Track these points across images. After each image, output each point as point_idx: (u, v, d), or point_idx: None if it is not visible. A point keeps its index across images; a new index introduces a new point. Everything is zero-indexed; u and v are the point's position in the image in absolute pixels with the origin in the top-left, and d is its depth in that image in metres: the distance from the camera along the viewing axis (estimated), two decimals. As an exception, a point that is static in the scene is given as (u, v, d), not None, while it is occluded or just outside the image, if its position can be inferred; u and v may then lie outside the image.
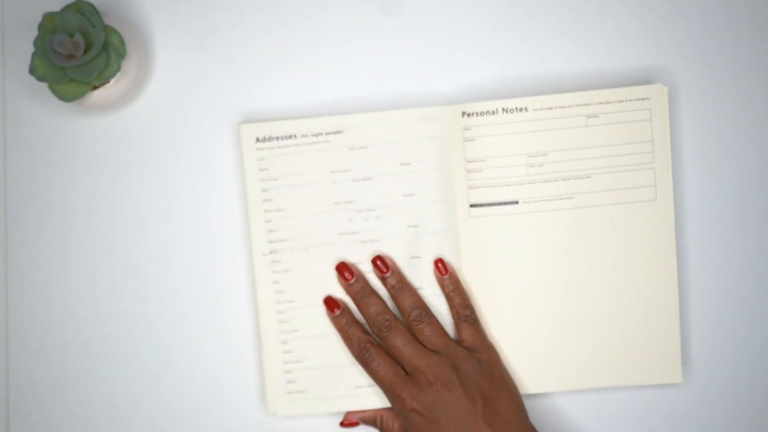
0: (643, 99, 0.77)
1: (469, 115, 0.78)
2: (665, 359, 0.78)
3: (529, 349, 0.78)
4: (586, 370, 0.78)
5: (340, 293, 0.79)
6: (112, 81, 0.77)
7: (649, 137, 0.78)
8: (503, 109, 0.78)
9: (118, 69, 0.75)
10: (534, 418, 0.79)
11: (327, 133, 0.78)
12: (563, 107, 0.78)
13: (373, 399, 0.78)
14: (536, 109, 0.78)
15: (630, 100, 0.78)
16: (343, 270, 0.78)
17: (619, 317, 0.78)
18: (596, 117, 0.78)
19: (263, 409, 0.80)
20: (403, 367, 0.76)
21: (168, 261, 0.80)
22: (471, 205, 0.78)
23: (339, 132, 0.78)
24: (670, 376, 0.78)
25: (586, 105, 0.78)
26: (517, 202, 0.78)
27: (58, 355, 0.80)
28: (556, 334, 0.78)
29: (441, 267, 0.78)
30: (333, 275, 0.79)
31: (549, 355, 0.78)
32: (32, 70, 0.74)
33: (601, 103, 0.78)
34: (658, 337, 0.78)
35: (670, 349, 0.78)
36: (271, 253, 0.79)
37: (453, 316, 0.78)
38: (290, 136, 0.78)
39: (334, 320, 0.78)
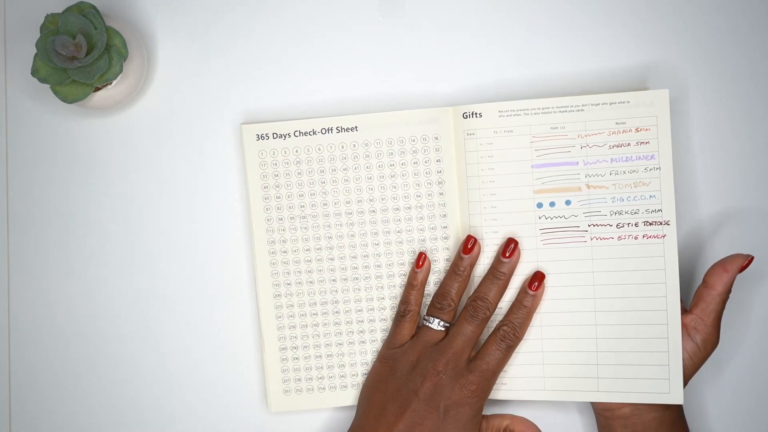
0: (647, 104, 0.76)
1: (470, 116, 0.78)
2: (667, 380, 0.75)
3: (539, 346, 0.77)
4: (587, 385, 0.77)
5: (340, 296, 0.79)
6: (114, 82, 0.77)
7: (654, 145, 0.76)
8: (504, 111, 0.78)
9: (120, 70, 0.75)
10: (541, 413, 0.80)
11: (333, 132, 0.78)
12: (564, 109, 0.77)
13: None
14: (537, 113, 0.77)
15: (637, 103, 0.76)
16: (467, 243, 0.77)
17: (620, 330, 0.76)
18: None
19: (264, 408, 0.80)
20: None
21: (169, 261, 0.80)
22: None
23: (348, 130, 0.78)
24: (672, 398, 0.75)
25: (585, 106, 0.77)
26: (518, 203, 0.79)
27: (59, 355, 0.80)
28: (558, 336, 0.78)
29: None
30: (333, 279, 0.78)
31: (544, 361, 0.77)
32: (34, 72, 0.74)
33: (599, 105, 0.76)
34: (660, 356, 0.75)
35: (672, 370, 0.75)
36: (271, 253, 0.78)
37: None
38: (296, 134, 0.78)
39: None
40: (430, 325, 0.75)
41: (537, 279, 0.76)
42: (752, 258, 0.74)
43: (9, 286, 0.80)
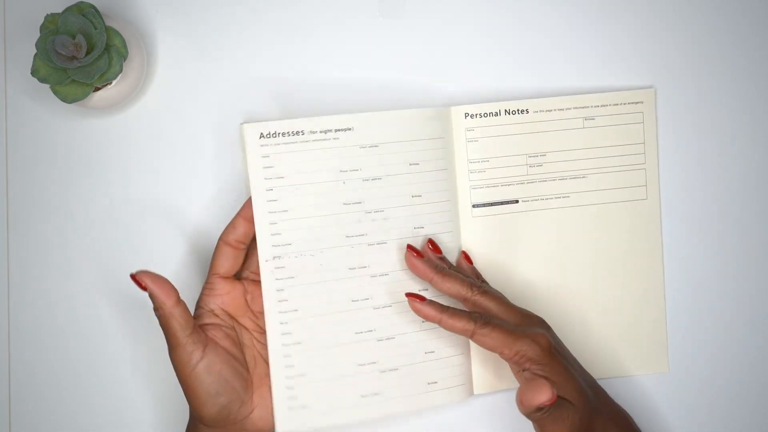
0: (636, 102, 0.79)
1: (471, 116, 0.78)
2: (653, 351, 0.81)
3: None
4: (582, 363, 0.79)
5: (346, 298, 0.78)
6: (114, 82, 0.77)
7: (641, 139, 0.80)
8: (505, 110, 0.78)
9: (120, 70, 0.75)
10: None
11: (337, 131, 0.77)
12: (562, 109, 0.79)
13: (379, 408, 0.77)
14: (536, 111, 0.79)
15: (624, 104, 0.79)
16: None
17: (611, 312, 0.80)
18: (593, 119, 0.79)
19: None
20: None
21: (169, 262, 0.80)
22: (473, 205, 0.79)
23: (349, 129, 0.77)
24: (658, 367, 0.81)
25: (583, 107, 0.79)
26: (517, 201, 0.79)
27: (59, 355, 0.80)
28: (554, 328, 0.78)
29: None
30: (339, 281, 0.77)
31: None
32: (34, 72, 0.74)
33: (597, 106, 0.79)
34: (646, 330, 0.81)
35: (657, 341, 0.81)
36: (274, 258, 0.76)
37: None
38: (298, 133, 0.76)
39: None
40: None
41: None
42: (555, 400, 0.70)
43: (9, 286, 0.80)
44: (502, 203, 0.79)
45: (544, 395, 0.69)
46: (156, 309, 0.72)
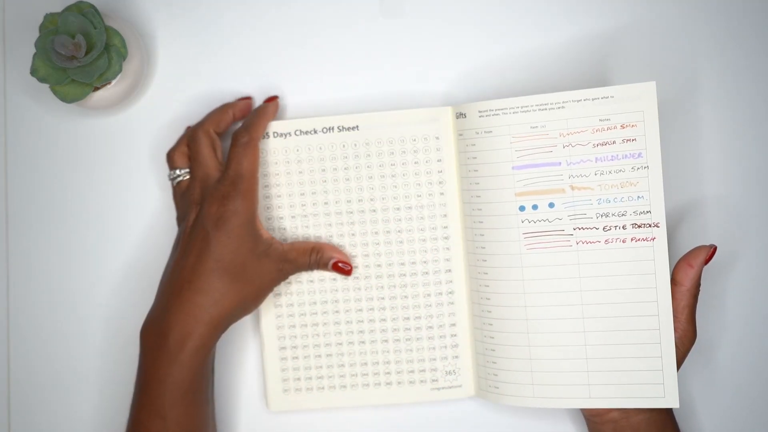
0: (632, 98, 0.74)
1: (459, 116, 0.77)
2: (662, 385, 0.73)
3: (527, 353, 0.76)
4: (585, 393, 0.75)
5: (340, 295, 0.79)
6: (113, 82, 0.77)
7: (642, 141, 0.74)
8: (484, 111, 0.76)
9: (120, 70, 0.75)
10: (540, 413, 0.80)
11: (334, 131, 0.78)
12: (563, 107, 0.76)
13: (368, 394, 0.78)
14: (538, 110, 0.77)
15: (622, 98, 0.74)
16: None
17: (613, 334, 0.75)
18: (608, 120, 0.75)
19: (264, 408, 0.80)
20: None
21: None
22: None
23: (348, 129, 0.78)
24: (667, 402, 0.73)
25: (590, 106, 0.75)
26: (515, 202, 0.78)
27: (59, 355, 0.80)
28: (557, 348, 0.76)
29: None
30: (333, 278, 0.79)
31: (542, 366, 0.76)
32: (33, 71, 0.74)
33: (580, 101, 0.74)
34: (653, 361, 0.73)
35: (666, 375, 0.73)
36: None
37: None
38: (296, 133, 0.78)
39: None
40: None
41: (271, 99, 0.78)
42: (715, 248, 0.73)
43: (9, 286, 0.80)
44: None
45: (702, 251, 0.72)
46: None
